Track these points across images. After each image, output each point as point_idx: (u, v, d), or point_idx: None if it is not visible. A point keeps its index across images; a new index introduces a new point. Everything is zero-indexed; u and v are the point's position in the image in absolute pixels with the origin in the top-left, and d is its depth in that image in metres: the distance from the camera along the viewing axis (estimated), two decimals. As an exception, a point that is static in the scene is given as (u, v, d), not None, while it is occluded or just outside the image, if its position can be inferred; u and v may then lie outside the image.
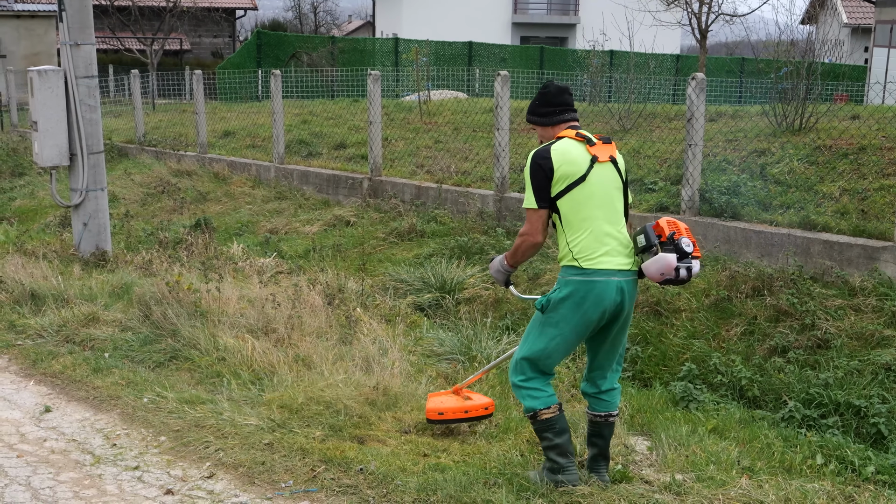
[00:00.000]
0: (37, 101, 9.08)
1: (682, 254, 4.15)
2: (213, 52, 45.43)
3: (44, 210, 14.91)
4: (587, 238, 4.23)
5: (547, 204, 4.28)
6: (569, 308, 4.24)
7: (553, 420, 4.38)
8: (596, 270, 4.20)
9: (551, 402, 4.39)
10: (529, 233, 4.35)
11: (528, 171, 4.30)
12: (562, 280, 4.31)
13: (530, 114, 4.52)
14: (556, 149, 4.28)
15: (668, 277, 4.17)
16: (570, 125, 4.44)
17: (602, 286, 4.19)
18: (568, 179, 4.23)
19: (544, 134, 4.48)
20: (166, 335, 6.85)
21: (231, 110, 20.54)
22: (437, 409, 5.22)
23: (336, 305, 7.26)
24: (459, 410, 5.22)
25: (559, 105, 4.44)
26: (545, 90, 4.50)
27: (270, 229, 12.32)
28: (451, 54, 32.94)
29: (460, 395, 5.35)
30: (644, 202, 9.58)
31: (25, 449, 5.17)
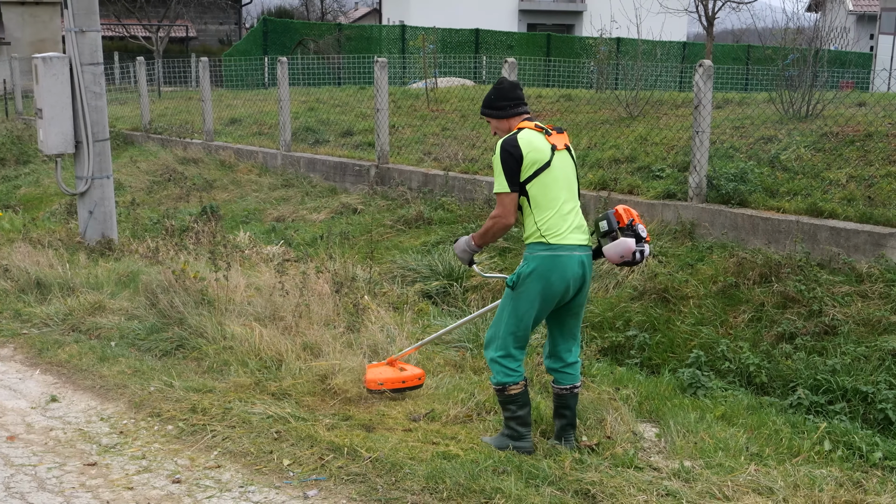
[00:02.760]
0: (42, 88, 9.05)
1: (639, 238, 4.66)
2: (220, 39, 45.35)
3: (49, 198, 14.93)
4: (554, 217, 4.61)
5: (518, 188, 4.62)
6: (536, 280, 4.62)
7: (519, 395, 4.80)
8: (561, 245, 4.60)
9: (520, 378, 4.79)
10: (502, 215, 4.67)
11: (497, 158, 4.65)
12: (529, 256, 4.67)
13: (486, 107, 4.88)
14: (522, 138, 4.64)
15: (626, 260, 4.66)
16: (525, 117, 4.82)
17: (566, 259, 4.61)
18: (535, 165, 4.59)
19: (499, 126, 4.86)
20: (173, 323, 6.84)
21: (237, 97, 20.51)
22: (376, 379, 5.57)
23: (344, 293, 7.25)
24: (398, 381, 5.59)
25: (513, 99, 4.82)
26: (500, 86, 4.88)
27: (277, 217, 12.32)
28: (458, 41, 32.81)
29: (395, 367, 5.70)
30: (651, 189, 9.54)
31: (32, 438, 5.16)
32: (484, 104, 4.89)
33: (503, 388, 4.79)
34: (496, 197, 4.67)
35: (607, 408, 5.41)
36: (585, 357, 6.61)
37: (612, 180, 10.00)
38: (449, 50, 30.61)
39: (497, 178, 4.65)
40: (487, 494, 4.25)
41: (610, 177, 10.13)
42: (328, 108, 17.74)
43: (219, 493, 4.45)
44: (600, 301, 8.12)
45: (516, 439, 4.83)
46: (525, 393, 4.81)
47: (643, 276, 8.18)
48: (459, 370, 6.22)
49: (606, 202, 9.55)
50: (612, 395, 5.78)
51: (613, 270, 8.44)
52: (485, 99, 4.91)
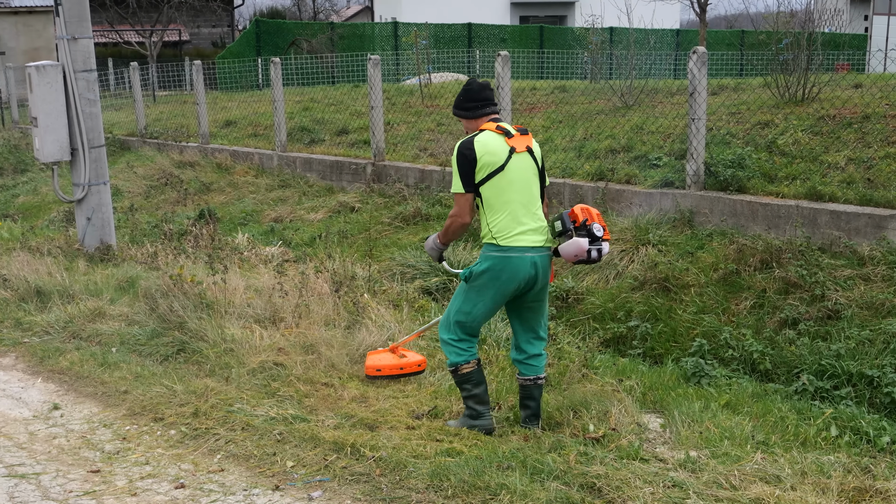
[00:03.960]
0: (36, 96, 9.02)
1: (593, 238, 4.76)
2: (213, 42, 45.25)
3: (47, 206, 14.90)
4: (505, 219, 4.76)
5: (473, 189, 4.78)
6: (488, 279, 4.81)
7: (472, 373, 4.99)
8: (512, 247, 4.75)
9: (471, 357, 4.99)
10: (458, 214, 4.85)
11: (454, 160, 4.80)
12: (483, 255, 4.86)
13: (456, 108, 5.03)
14: (478, 140, 4.77)
15: (581, 258, 4.77)
16: (492, 118, 4.94)
17: (517, 261, 4.76)
18: (489, 168, 4.73)
19: (469, 126, 4.99)
20: (173, 328, 6.81)
21: (232, 100, 20.48)
22: (375, 365, 5.74)
23: (343, 293, 7.22)
24: (395, 367, 5.75)
25: (481, 100, 4.95)
26: (468, 87, 5.00)
27: (275, 218, 12.29)
28: (451, 36, 32.75)
29: (396, 354, 5.85)
30: (649, 178, 9.52)
31: (35, 448, 5.14)
32: (454, 104, 5.05)
33: (456, 368, 5.00)
34: (453, 197, 4.85)
35: (611, 399, 5.38)
36: (588, 349, 6.58)
37: (609, 170, 9.98)
38: (442, 45, 30.55)
39: (454, 179, 4.81)
40: (492, 491, 4.22)
41: (607, 167, 10.10)
42: (323, 108, 17.71)
43: (223, 497, 4.42)
44: (601, 292, 8.10)
45: (475, 418, 5.04)
46: (478, 372, 5.02)
47: (643, 266, 8.16)
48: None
49: (604, 192, 9.53)
50: (615, 386, 5.76)
51: (613, 261, 8.42)
52: (455, 99, 5.05)
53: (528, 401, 5.09)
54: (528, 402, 5.09)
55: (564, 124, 12.61)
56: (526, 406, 5.10)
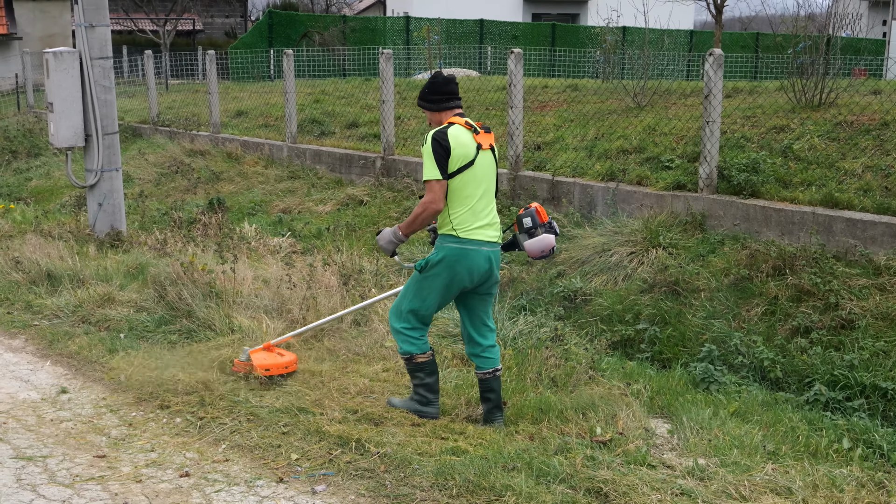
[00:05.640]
0: (52, 82, 9.03)
1: (555, 234, 5.06)
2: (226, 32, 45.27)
3: (59, 190, 14.91)
4: (466, 213, 4.91)
5: (447, 176, 4.88)
6: (443, 269, 4.94)
7: (426, 363, 5.16)
8: (470, 240, 4.91)
9: (426, 348, 5.15)
10: (433, 201, 4.88)
11: (428, 148, 4.88)
12: (439, 246, 4.98)
13: (421, 99, 5.16)
14: (451, 133, 4.88)
15: (545, 254, 5.04)
16: (456, 112, 5.06)
17: (473, 254, 4.92)
18: (460, 161, 4.87)
19: (433, 118, 5.12)
20: (181, 316, 6.80)
21: (243, 90, 20.46)
22: (264, 365, 5.78)
23: (351, 286, 7.20)
24: (281, 366, 5.81)
25: (445, 94, 5.07)
26: (434, 80, 5.13)
27: (283, 209, 12.28)
28: (463, 32, 32.65)
29: (273, 352, 5.94)
30: (661, 180, 9.47)
31: (42, 431, 5.13)
32: (419, 96, 5.17)
33: (410, 357, 5.14)
34: (426, 185, 4.90)
35: (618, 403, 5.35)
36: (595, 351, 6.55)
37: (621, 171, 9.93)
38: (453, 41, 30.47)
39: (428, 167, 4.87)
40: (497, 492, 4.20)
41: (618, 167, 10.05)
42: (333, 100, 17.67)
43: (227, 487, 4.41)
44: (609, 294, 8.06)
45: (424, 405, 5.22)
46: (432, 362, 5.18)
47: (653, 269, 8.12)
48: (467, 364, 6.16)
49: (615, 193, 9.48)
50: (622, 389, 5.73)
51: (623, 263, 8.38)
52: (420, 91, 5.18)
53: (488, 394, 5.20)
54: (488, 394, 5.20)
55: (576, 123, 12.55)
56: (487, 399, 5.21)
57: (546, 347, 6.29)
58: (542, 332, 6.67)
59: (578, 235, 9.04)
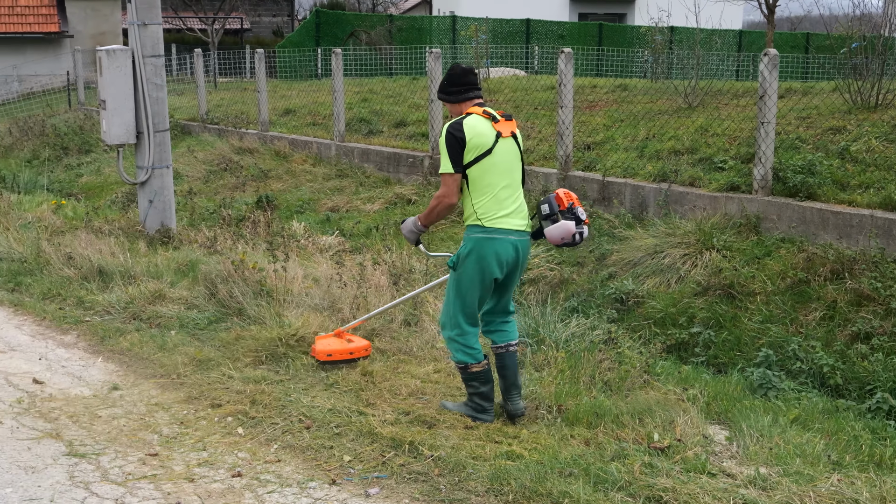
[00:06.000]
0: (105, 80, 9.10)
1: (578, 220, 4.94)
2: (273, 31, 45.56)
3: (109, 186, 15.06)
4: (490, 202, 4.88)
5: (461, 169, 4.88)
6: (473, 261, 4.91)
7: (481, 373, 5.09)
8: (495, 229, 4.88)
9: (480, 357, 5.07)
10: (446, 195, 4.92)
11: (443, 141, 4.90)
12: (466, 238, 4.96)
13: (440, 91, 5.18)
14: (467, 123, 4.89)
15: (567, 241, 4.95)
16: (476, 102, 5.05)
17: (500, 243, 4.88)
18: (477, 150, 4.85)
19: (453, 109, 5.12)
20: (232, 314, 6.80)
21: (291, 88, 20.53)
22: (326, 350, 5.86)
23: (401, 285, 7.16)
24: (345, 352, 5.89)
25: (464, 84, 5.06)
26: (452, 72, 5.12)
27: (331, 207, 12.28)
28: (509, 32, 32.51)
29: (342, 338, 6.01)
30: (714, 181, 9.32)
31: (95, 427, 5.14)
32: (439, 88, 5.18)
33: (465, 366, 5.07)
34: (441, 178, 4.92)
35: (675, 408, 5.24)
36: (650, 355, 6.43)
37: (673, 172, 9.79)
38: (499, 40, 30.34)
39: (442, 160, 4.89)
40: (555, 498, 4.12)
41: (670, 168, 9.91)
42: (381, 99, 17.66)
43: (279, 489, 4.38)
44: (662, 296, 7.94)
45: (479, 412, 5.14)
46: (487, 371, 5.10)
47: (707, 271, 7.98)
48: (520, 366, 6.07)
49: (667, 194, 9.35)
50: (679, 395, 5.61)
51: (676, 265, 8.25)
52: (440, 84, 5.18)
53: (503, 370, 5.17)
54: (503, 371, 5.17)
55: (626, 123, 12.42)
56: (503, 376, 5.17)
57: (599, 350, 6.19)
58: (594, 335, 6.57)
59: (630, 237, 8.92)
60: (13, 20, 31.69)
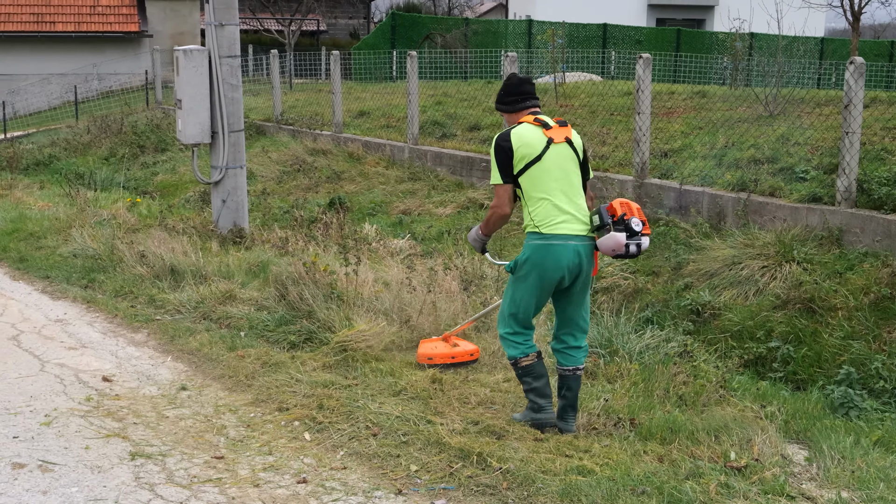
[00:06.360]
0: (182, 79, 9.18)
1: (632, 232, 4.75)
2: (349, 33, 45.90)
3: (184, 185, 15.26)
4: (545, 208, 4.82)
5: (511, 179, 4.87)
6: (531, 268, 4.85)
7: (531, 366, 5.03)
8: (554, 235, 4.80)
9: (530, 350, 5.02)
10: (498, 205, 4.94)
11: (492, 152, 4.90)
12: (526, 245, 4.90)
13: (497, 102, 5.17)
14: (515, 132, 4.87)
15: (619, 253, 4.80)
16: (531, 111, 5.01)
17: (559, 248, 4.80)
18: (526, 159, 4.81)
19: (510, 119, 5.07)
20: (301, 316, 6.78)
21: (366, 90, 20.61)
22: (427, 353, 5.86)
23: (472, 291, 7.07)
24: (447, 356, 5.86)
25: (520, 94, 5.04)
26: (508, 81, 5.11)
27: (403, 210, 12.25)
28: (585, 36, 32.27)
29: (449, 342, 5.97)
30: (795, 192, 9.05)
31: (161, 428, 5.15)
32: (496, 99, 5.17)
33: (515, 361, 5.05)
34: (493, 189, 4.93)
35: (752, 426, 5.06)
36: (726, 369, 6.25)
37: (752, 181, 9.53)
38: (575, 45, 30.11)
39: (492, 171, 4.90)
40: (627, 516, 3.99)
41: (749, 177, 9.66)
42: (455, 103, 17.61)
43: (345, 497, 4.32)
44: (739, 309, 7.72)
45: (537, 411, 5.07)
46: (537, 365, 5.04)
47: (787, 284, 7.74)
48: (592, 377, 5.96)
49: (746, 204, 9.11)
50: (757, 412, 5.43)
51: (754, 277, 8.02)
52: (497, 94, 5.16)
53: (565, 391, 5.08)
54: (565, 392, 5.08)
55: (704, 131, 12.16)
56: (563, 396, 5.10)
57: (674, 363, 6.03)
58: (669, 347, 6.41)
59: (707, 247, 8.70)
60: (94, 19, 32.45)
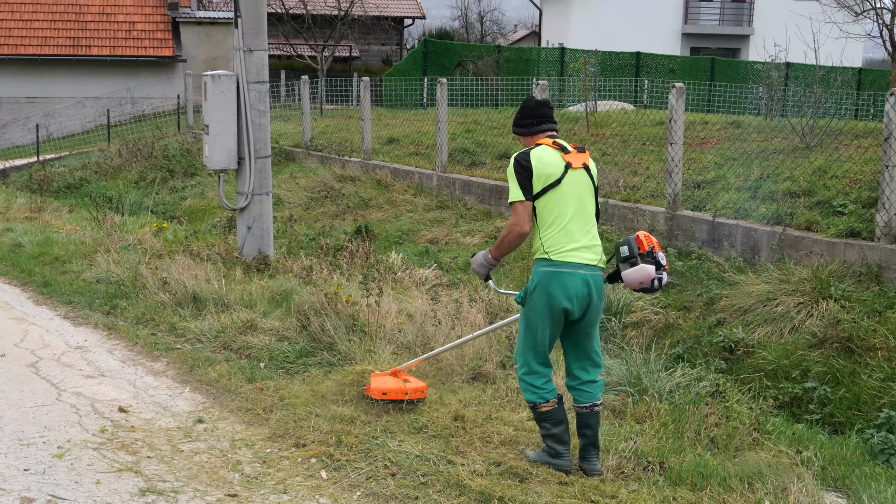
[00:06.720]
0: (209, 104, 9.12)
1: (658, 265, 4.68)
2: (382, 59, 46.10)
3: (212, 210, 15.24)
4: (557, 234, 4.72)
5: (531, 197, 4.75)
6: (540, 296, 4.73)
7: (551, 412, 4.87)
8: (563, 262, 4.70)
9: (549, 396, 4.87)
10: (518, 223, 4.76)
11: (511, 170, 4.80)
12: (534, 272, 4.80)
13: (514, 125, 5.08)
14: (534, 154, 4.78)
15: (645, 286, 4.70)
16: (548, 135, 4.94)
17: (568, 277, 4.69)
18: (545, 181, 4.73)
19: (526, 142, 5.00)
20: (322, 348, 6.64)
21: (396, 117, 20.56)
22: (380, 388, 5.64)
23: (499, 325, 6.89)
24: (401, 392, 5.63)
25: (537, 117, 4.97)
26: (525, 104, 5.05)
27: (430, 239, 12.12)
28: (618, 64, 32.14)
29: (399, 378, 5.75)
30: (832, 226, 8.81)
31: (175, 462, 5.01)
32: (513, 122, 5.10)
33: (534, 406, 4.91)
34: (511, 207, 4.81)
35: (788, 473, 4.84)
36: (760, 411, 6.02)
37: (788, 215, 9.30)
38: (608, 73, 29.98)
39: (512, 189, 4.79)
40: (655, 570, 3.79)
41: (785, 211, 9.43)
42: (485, 130, 17.50)
43: (360, 541, 4.15)
44: (774, 347, 7.49)
45: (554, 457, 4.91)
46: (557, 411, 4.89)
47: (823, 322, 7.50)
48: (619, 416, 5.76)
49: (781, 238, 8.88)
50: (792, 458, 5.20)
51: (790, 314, 7.78)
52: (514, 117, 5.09)
53: (584, 429, 4.93)
54: (584, 430, 4.93)
55: (738, 162, 11.94)
56: (583, 435, 4.95)
57: (705, 404, 5.82)
58: (700, 387, 6.19)
59: (740, 282, 8.47)
60: (130, 44, 32.79)
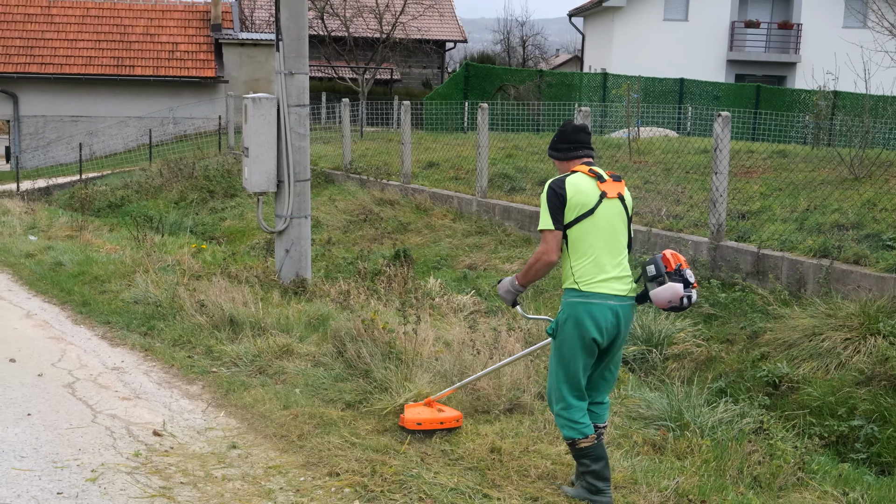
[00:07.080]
0: (249, 127, 9.13)
1: (686, 283, 4.65)
2: (423, 82, 46.26)
3: (251, 232, 15.27)
4: (588, 265, 4.67)
5: (562, 227, 4.69)
6: (571, 327, 4.68)
7: (590, 448, 4.77)
8: (593, 293, 4.65)
9: (588, 431, 4.77)
10: (546, 252, 4.70)
11: (544, 197, 4.74)
12: (563, 302, 4.76)
13: (550, 149, 5.02)
14: (570, 181, 4.73)
15: (674, 305, 4.66)
16: (584, 161, 4.88)
17: (597, 308, 4.64)
18: (579, 210, 4.67)
19: (561, 167, 4.94)
20: (358, 375, 6.57)
21: (436, 141, 20.55)
22: (415, 419, 5.63)
23: (536, 355, 6.78)
24: (435, 421, 5.64)
25: (574, 142, 4.90)
26: (563, 129, 4.97)
27: (469, 264, 12.03)
28: (661, 91, 31.94)
29: (433, 408, 5.76)
30: (882, 261, 8.60)
31: (208, 489, 4.95)
32: (549, 146, 5.04)
33: (572, 442, 4.81)
34: (541, 234, 4.74)
35: (836, 517, 4.67)
36: (805, 450, 5.84)
37: (835, 248, 9.10)
38: (651, 99, 29.80)
39: (542, 216, 4.73)
40: None
41: (832, 244, 9.23)
42: (526, 156, 17.42)
43: (393, 577, 4.04)
44: (820, 383, 7.29)
45: (594, 493, 4.81)
46: (597, 447, 4.80)
47: (871, 359, 7.29)
48: (659, 452, 5.62)
49: (828, 272, 8.69)
50: (838, 498, 5.04)
51: (836, 349, 7.58)
52: (551, 141, 5.03)
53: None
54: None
55: (784, 192, 11.75)
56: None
57: (749, 440, 5.67)
58: (743, 423, 6.03)
59: (785, 315, 8.28)
60: (173, 64, 33.22)
